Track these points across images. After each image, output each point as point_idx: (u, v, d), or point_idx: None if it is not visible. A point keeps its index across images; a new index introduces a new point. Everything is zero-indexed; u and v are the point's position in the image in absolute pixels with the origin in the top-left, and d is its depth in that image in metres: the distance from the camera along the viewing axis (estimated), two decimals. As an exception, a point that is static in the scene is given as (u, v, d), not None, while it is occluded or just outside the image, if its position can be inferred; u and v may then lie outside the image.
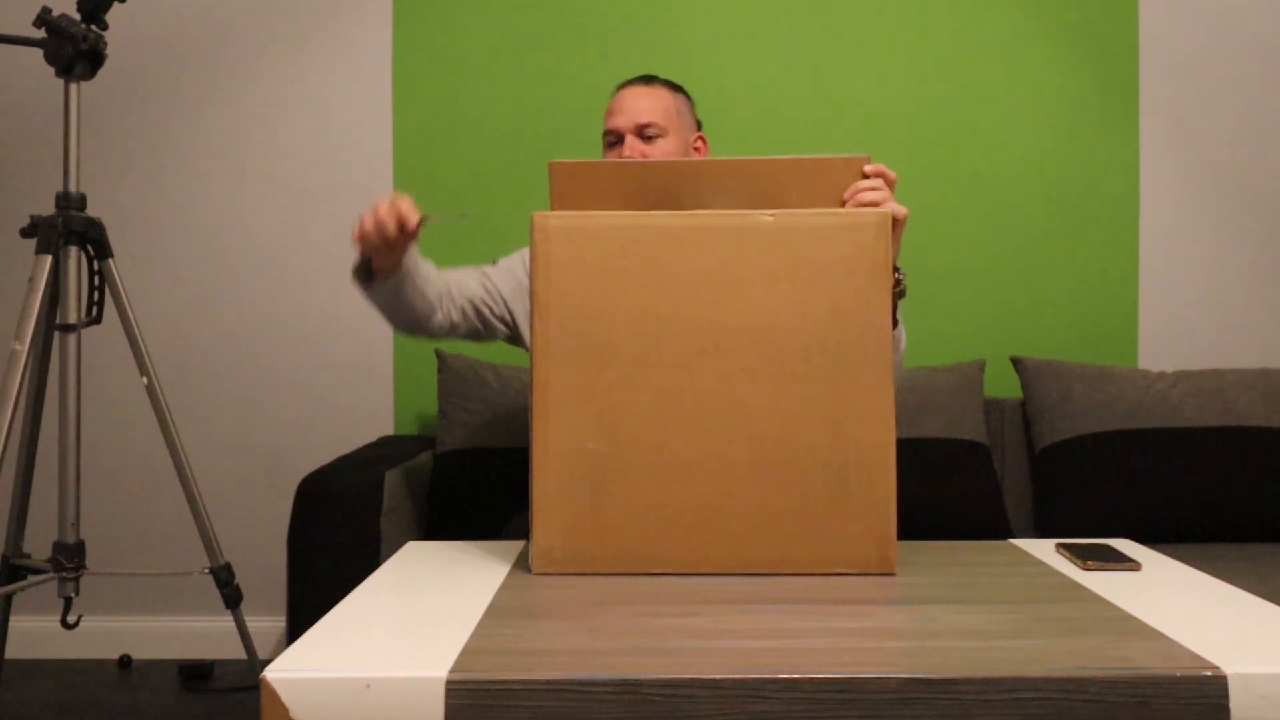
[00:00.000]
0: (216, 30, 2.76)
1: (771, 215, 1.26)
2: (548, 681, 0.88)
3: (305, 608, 1.92)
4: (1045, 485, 2.42)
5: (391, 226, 1.43)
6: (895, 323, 1.54)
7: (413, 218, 1.44)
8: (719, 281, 1.26)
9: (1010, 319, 2.74)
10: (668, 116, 1.82)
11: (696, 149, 1.89)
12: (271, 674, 0.89)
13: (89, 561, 2.26)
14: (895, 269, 1.45)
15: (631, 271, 1.26)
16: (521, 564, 1.32)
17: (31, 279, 2.09)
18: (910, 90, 2.75)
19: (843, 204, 1.36)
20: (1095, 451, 2.36)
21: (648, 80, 1.86)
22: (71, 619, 2.21)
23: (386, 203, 1.44)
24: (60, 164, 2.20)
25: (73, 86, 2.14)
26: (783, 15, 2.75)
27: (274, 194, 2.77)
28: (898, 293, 1.46)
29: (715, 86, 2.73)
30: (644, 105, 1.80)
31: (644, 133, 1.79)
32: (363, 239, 1.46)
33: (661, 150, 1.79)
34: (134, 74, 2.76)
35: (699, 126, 1.94)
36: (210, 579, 2.59)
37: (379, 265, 1.55)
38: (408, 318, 1.67)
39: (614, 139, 1.81)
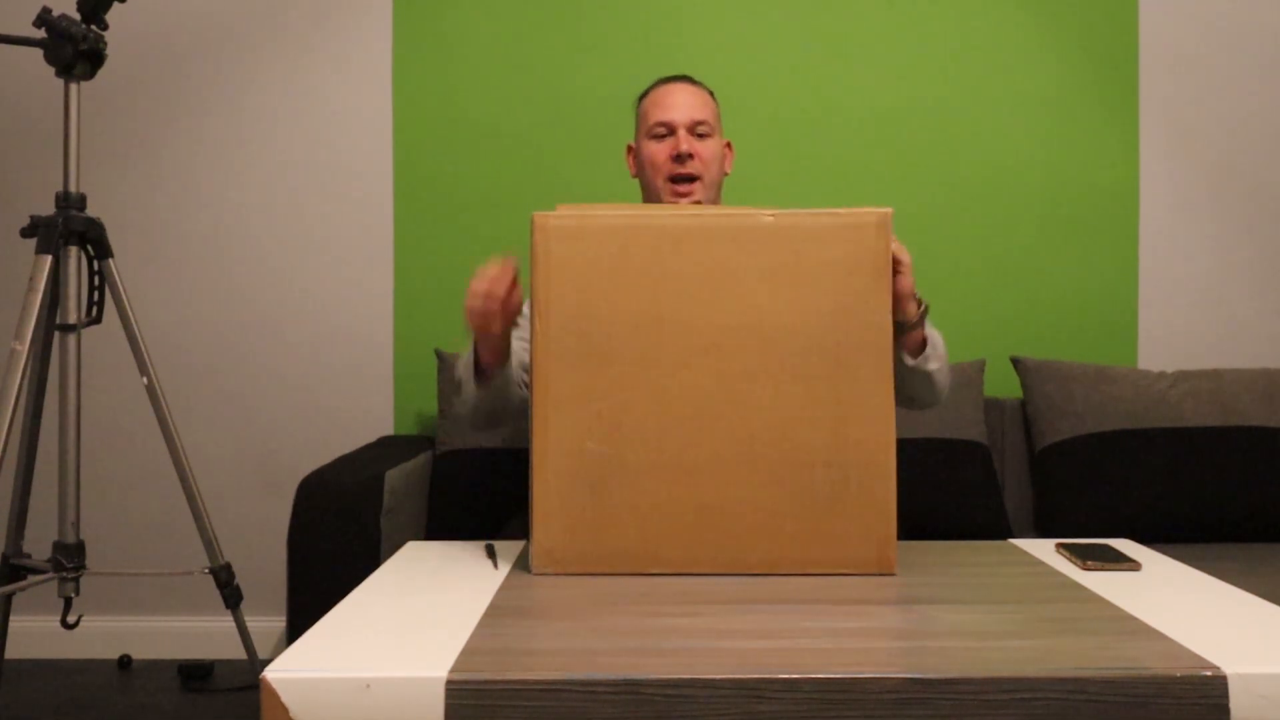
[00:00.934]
0: (216, 30, 2.76)
1: (771, 215, 1.27)
2: (548, 681, 0.88)
3: (305, 608, 1.91)
4: (1045, 485, 2.42)
5: (499, 292, 1.44)
6: (925, 341, 1.59)
7: (505, 280, 1.44)
8: (719, 281, 1.26)
9: (1010, 319, 2.74)
10: (714, 118, 1.87)
11: (724, 154, 1.91)
12: (271, 674, 0.89)
13: (89, 561, 2.25)
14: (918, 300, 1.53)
15: (631, 271, 1.26)
16: (521, 564, 1.32)
17: (31, 279, 2.09)
18: (910, 90, 2.75)
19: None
20: (1095, 451, 2.36)
21: (691, 80, 1.89)
22: (71, 619, 2.21)
23: (486, 281, 1.44)
24: (60, 164, 2.19)
25: (73, 86, 2.14)
26: (782, 15, 2.75)
27: (274, 194, 2.77)
28: (921, 313, 1.53)
29: (715, 86, 2.71)
30: (696, 103, 1.84)
31: (696, 130, 1.82)
32: (474, 315, 1.47)
33: (709, 149, 1.82)
34: (134, 74, 2.75)
35: None
36: (210, 579, 2.59)
37: (486, 356, 1.56)
38: (503, 407, 1.66)
39: (665, 131, 1.83)
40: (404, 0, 2.75)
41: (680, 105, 1.83)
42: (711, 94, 1.91)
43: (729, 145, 1.94)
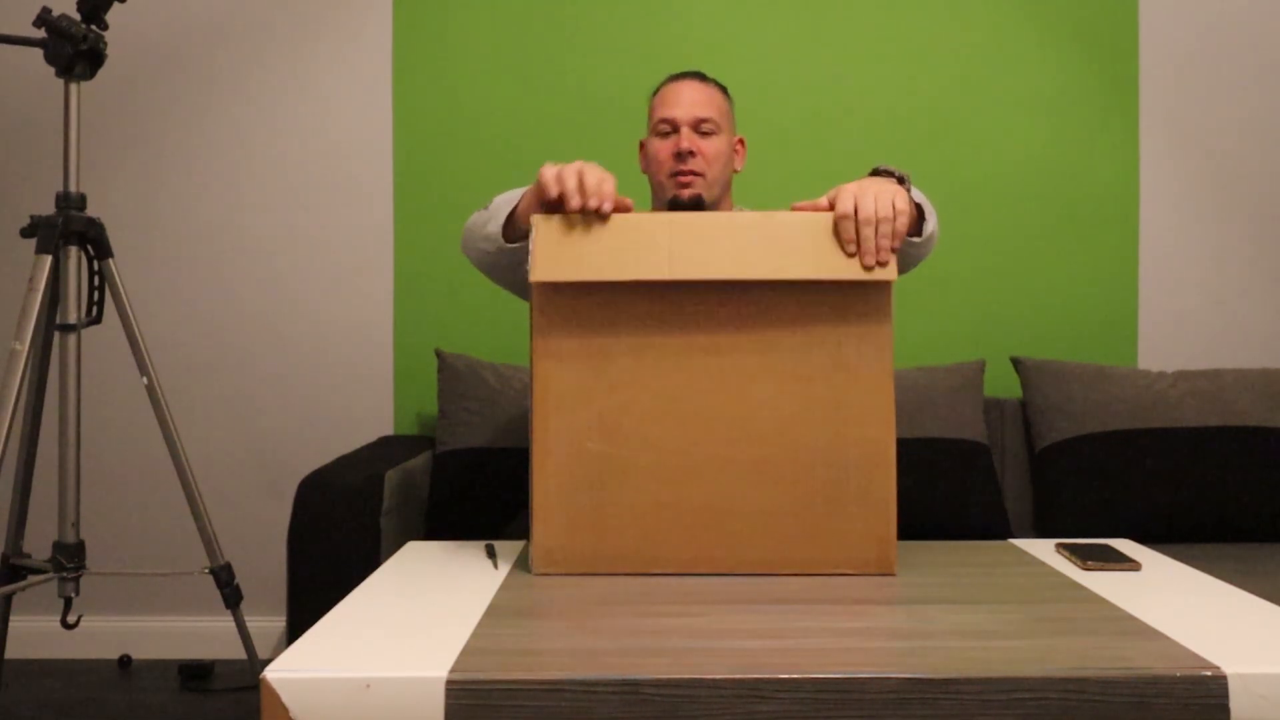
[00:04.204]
0: (217, 30, 2.76)
1: (769, 215, 1.26)
2: (548, 681, 0.88)
3: (305, 608, 1.91)
4: (1045, 485, 2.42)
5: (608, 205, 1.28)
6: (922, 216, 1.48)
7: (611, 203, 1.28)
8: (719, 281, 1.26)
9: (1010, 319, 2.74)
10: (721, 115, 1.84)
11: (736, 151, 1.90)
12: (271, 674, 0.89)
13: (89, 561, 2.25)
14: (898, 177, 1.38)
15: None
16: (521, 564, 1.32)
17: (31, 279, 2.09)
18: (910, 90, 2.75)
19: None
20: (1095, 451, 2.36)
21: (701, 76, 1.88)
22: (71, 619, 2.21)
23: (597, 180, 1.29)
24: (60, 164, 2.19)
25: (73, 86, 2.14)
26: (783, 16, 2.75)
27: (274, 194, 2.77)
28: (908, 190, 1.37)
29: (715, 86, 2.72)
30: (701, 100, 1.82)
31: (700, 127, 1.80)
32: (569, 196, 1.29)
33: (712, 147, 1.81)
34: (134, 74, 2.75)
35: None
36: (210, 579, 2.59)
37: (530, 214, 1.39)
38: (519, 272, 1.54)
39: (669, 129, 1.82)
40: (404, 0, 2.75)
41: (685, 103, 1.82)
42: (724, 90, 1.89)
43: (741, 142, 1.92)
